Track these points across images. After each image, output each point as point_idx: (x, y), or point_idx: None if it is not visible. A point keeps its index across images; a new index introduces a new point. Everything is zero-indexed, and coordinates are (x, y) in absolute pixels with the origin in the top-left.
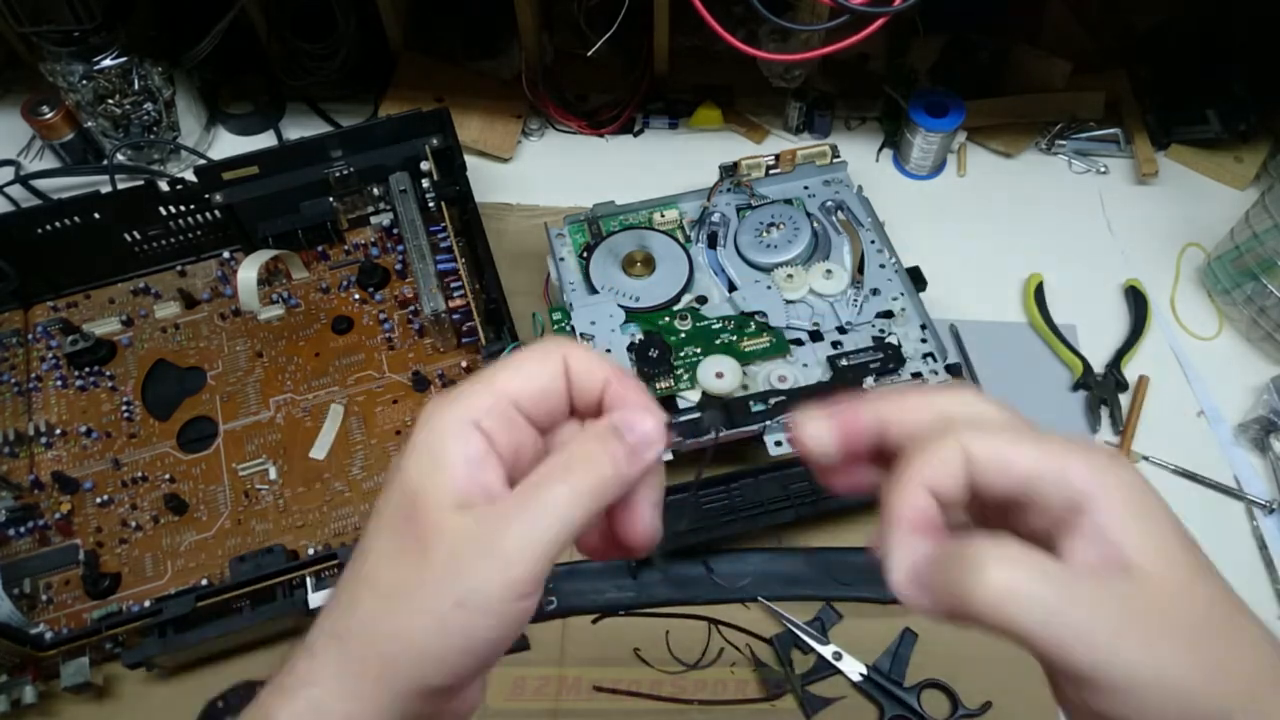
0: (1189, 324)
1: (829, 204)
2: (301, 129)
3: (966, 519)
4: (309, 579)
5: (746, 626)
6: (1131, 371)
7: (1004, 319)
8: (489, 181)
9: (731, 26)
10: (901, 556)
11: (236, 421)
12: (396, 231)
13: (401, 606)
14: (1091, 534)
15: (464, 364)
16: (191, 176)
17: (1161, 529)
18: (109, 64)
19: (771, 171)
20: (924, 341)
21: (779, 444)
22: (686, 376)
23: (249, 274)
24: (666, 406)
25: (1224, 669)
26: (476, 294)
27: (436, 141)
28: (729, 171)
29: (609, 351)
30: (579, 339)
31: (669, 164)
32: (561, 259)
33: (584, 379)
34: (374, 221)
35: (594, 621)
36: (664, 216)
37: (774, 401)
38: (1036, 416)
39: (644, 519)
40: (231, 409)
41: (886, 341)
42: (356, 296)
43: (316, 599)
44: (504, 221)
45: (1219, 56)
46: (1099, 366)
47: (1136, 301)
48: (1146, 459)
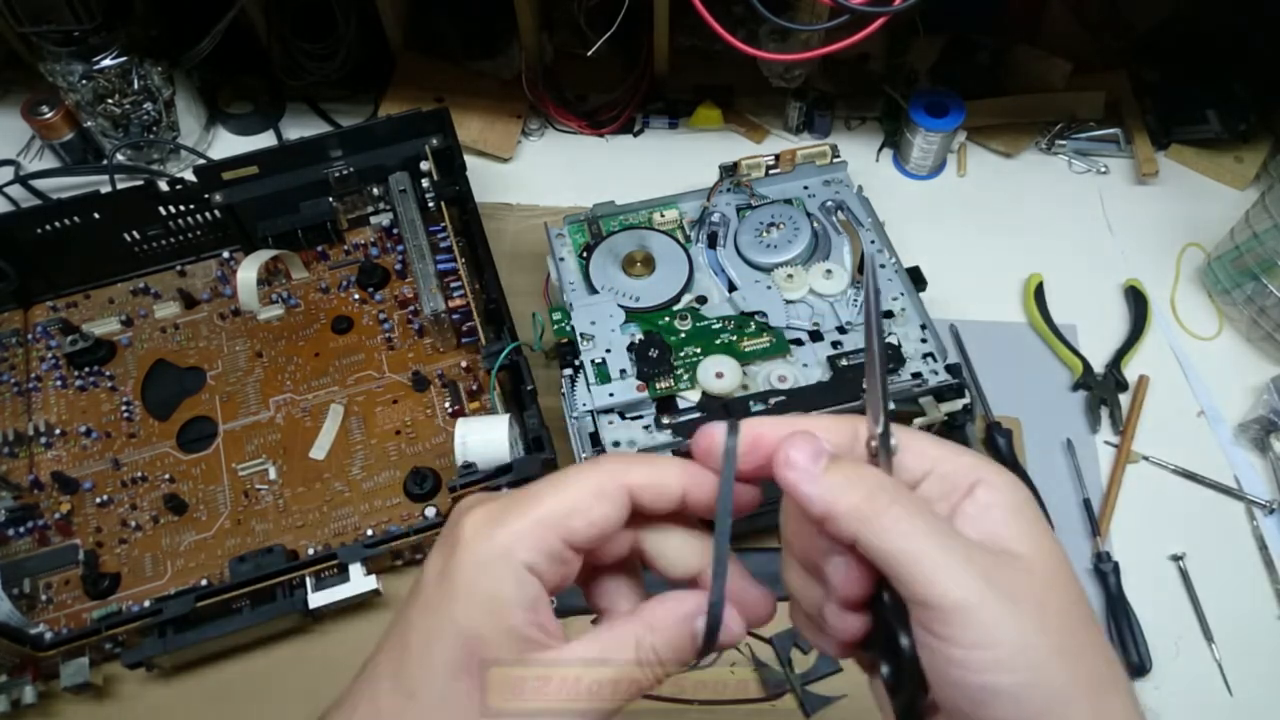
0: (1189, 324)
1: (829, 204)
2: (301, 129)
3: None
4: (309, 579)
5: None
6: (1131, 371)
7: (1004, 319)
8: (489, 181)
9: (731, 26)
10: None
11: (236, 421)
12: (396, 231)
13: None
14: (977, 514)
15: (464, 364)
16: (191, 176)
17: (1038, 527)
18: (109, 64)
19: (771, 171)
20: (924, 341)
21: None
22: (686, 376)
23: (249, 274)
24: (666, 407)
25: (1076, 658)
26: (476, 294)
27: (436, 141)
28: (729, 171)
29: (609, 352)
30: (580, 340)
31: (669, 164)
32: (561, 259)
33: (656, 502)
34: (374, 221)
35: (594, 622)
36: (664, 216)
37: (774, 401)
38: (1036, 416)
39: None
40: (231, 409)
41: (886, 341)
42: (356, 296)
43: (316, 599)
44: (504, 221)
45: (1219, 56)
46: (1099, 366)
47: (1136, 301)
48: (1146, 459)
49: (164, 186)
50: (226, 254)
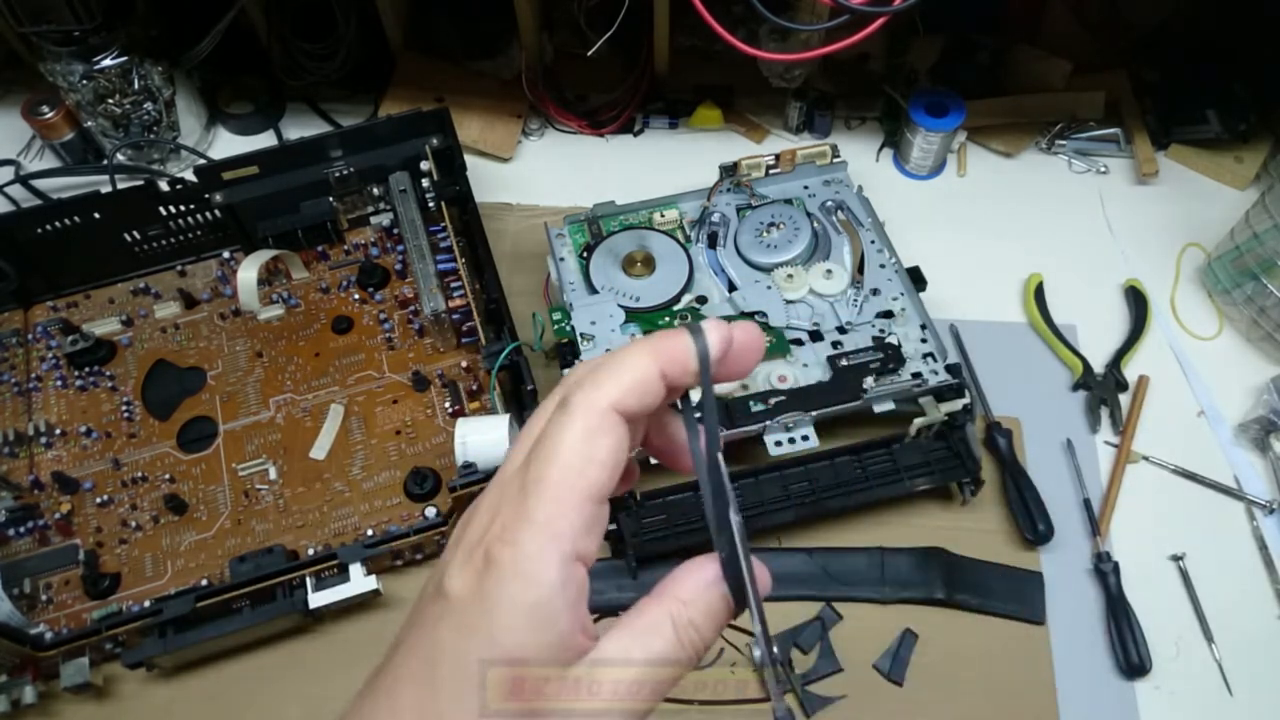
0: (1189, 324)
1: (829, 204)
2: (301, 129)
3: None
4: (309, 579)
5: (746, 626)
6: (1131, 371)
7: (1004, 319)
8: (489, 181)
9: (731, 26)
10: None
11: (236, 421)
12: (396, 231)
13: None
14: None
15: (464, 364)
16: (191, 176)
17: None
18: (109, 64)
19: (771, 171)
20: (924, 341)
21: (779, 444)
22: None
23: (249, 274)
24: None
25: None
26: (476, 294)
27: (436, 141)
28: (729, 171)
29: (609, 352)
30: (580, 340)
31: (669, 164)
32: (561, 259)
33: (645, 402)
34: (374, 221)
35: (594, 621)
36: (664, 216)
37: (774, 401)
38: (1036, 416)
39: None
40: (231, 409)
41: (886, 341)
42: (356, 296)
43: (316, 599)
44: (504, 221)
45: (1219, 56)
46: (1099, 366)
47: (1136, 301)
48: (1146, 459)
49: (164, 186)
50: (226, 254)
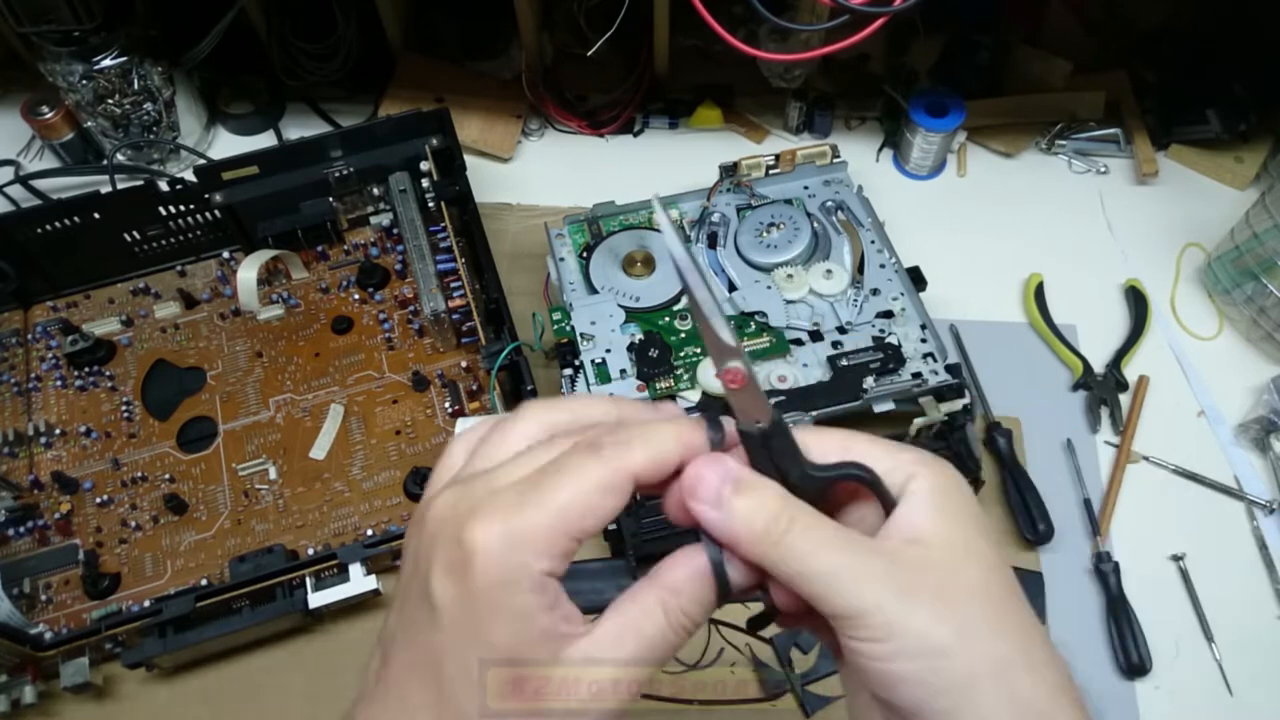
0: (1189, 324)
1: (829, 204)
2: (301, 129)
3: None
4: (309, 579)
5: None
6: (1131, 371)
7: (1004, 319)
8: (489, 181)
9: (731, 26)
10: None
11: (236, 421)
12: (396, 231)
13: None
14: (905, 509)
15: (464, 364)
16: (191, 176)
17: (951, 511)
18: (109, 64)
19: (771, 171)
20: (924, 341)
21: None
22: (686, 376)
23: (249, 274)
24: None
25: (978, 637)
26: (476, 294)
27: (436, 141)
28: (729, 171)
29: (609, 352)
30: (580, 340)
31: (669, 164)
32: (561, 259)
33: (655, 477)
34: (374, 221)
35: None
36: None
37: (774, 402)
38: (1036, 416)
39: None
40: (231, 409)
41: (886, 341)
42: (356, 296)
43: (316, 599)
44: (504, 221)
45: (1219, 56)
46: (1099, 366)
47: (1136, 301)
48: (1146, 459)
49: (164, 186)
50: (226, 254)
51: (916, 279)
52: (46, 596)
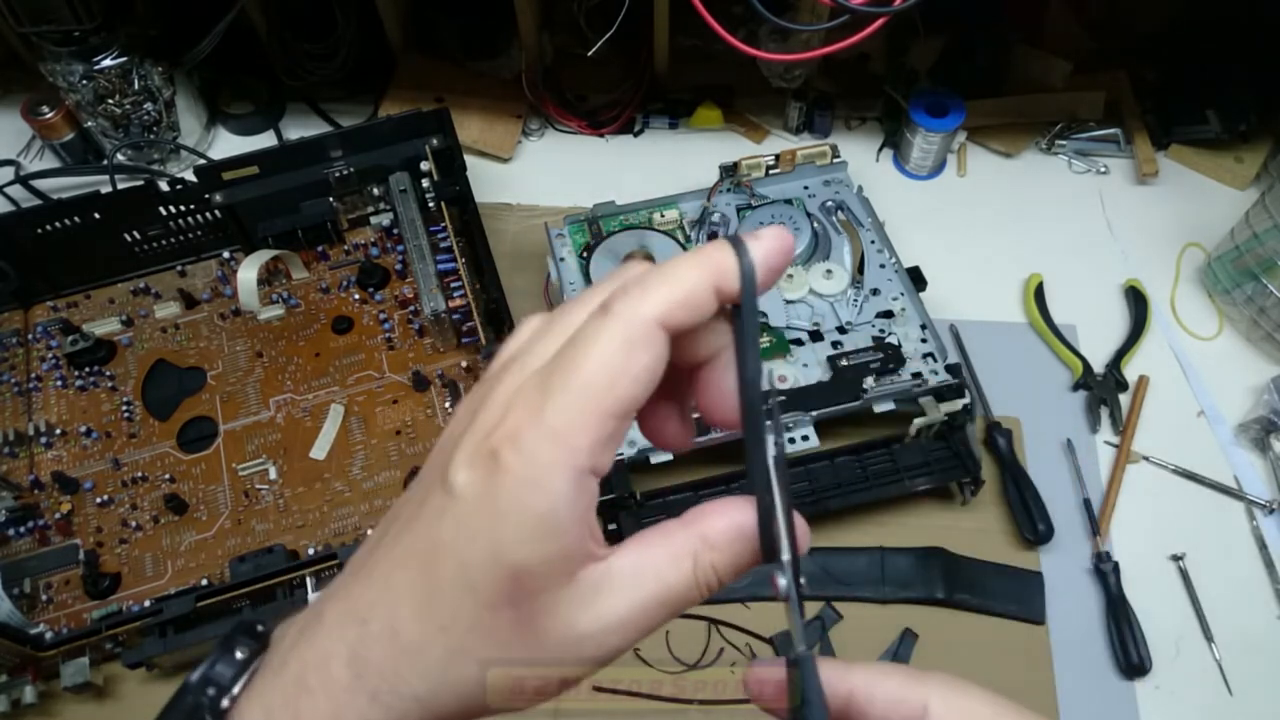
0: (1189, 324)
1: (829, 204)
2: (301, 129)
3: None
4: (309, 579)
5: (746, 626)
6: (1131, 371)
7: (1004, 319)
8: (489, 181)
9: (731, 26)
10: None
11: (236, 421)
12: (396, 231)
13: None
14: None
15: (464, 364)
16: (191, 176)
17: None
18: (109, 64)
19: (771, 171)
20: (924, 341)
21: (777, 444)
22: None
23: (249, 274)
24: None
25: None
26: (476, 294)
27: (436, 141)
28: (729, 171)
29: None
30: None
31: (669, 164)
32: (561, 259)
33: (692, 318)
34: (374, 221)
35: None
36: (664, 216)
37: (774, 401)
38: (1036, 416)
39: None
40: (231, 409)
41: (886, 341)
42: (356, 296)
43: (317, 599)
44: (504, 221)
45: (1219, 56)
46: (1099, 366)
47: (1136, 301)
48: (1146, 459)
49: (164, 186)
50: (226, 254)
51: (916, 279)
52: (47, 596)
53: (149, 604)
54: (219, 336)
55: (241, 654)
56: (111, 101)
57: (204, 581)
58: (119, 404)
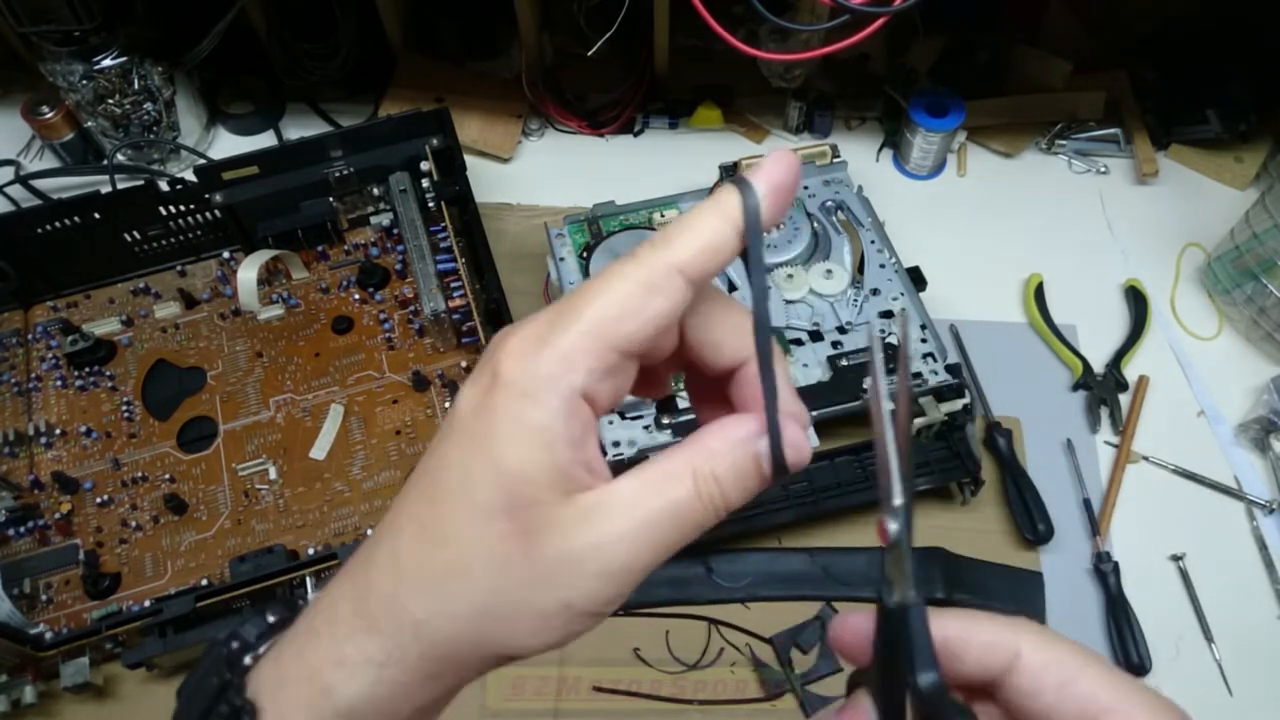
0: (1189, 324)
1: (829, 204)
2: (301, 129)
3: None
4: (309, 579)
5: (746, 626)
6: (1131, 371)
7: (1004, 319)
8: (489, 181)
9: (731, 26)
10: None
11: (236, 421)
12: (396, 231)
13: (502, 604)
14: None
15: (464, 364)
16: (191, 176)
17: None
18: (109, 64)
19: None
20: (924, 341)
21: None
22: None
23: (249, 274)
24: (666, 407)
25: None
26: (476, 294)
27: (436, 141)
28: (729, 171)
29: None
30: None
31: (669, 164)
32: (561, 259)
33: (710, 267)
34: (374, 221)
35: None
36: (664, 216)
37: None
38: (1036, 416)
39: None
40: (231, 409)
41: (887, 341)
42: (356, 296)
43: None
44: (504, 221)
45: (1219, 56)
46: (1099, 366)
47: (1136, 301)
48: (1146, 459)
49: (164, 186)
50: (226, 254)
51: (916, 279)
52: (47, 596)
53: (149, 604)
54: (219, 336)
55: (273, 617)
56: (111, 101)
57: (204, 581)
58: (119, 404)
